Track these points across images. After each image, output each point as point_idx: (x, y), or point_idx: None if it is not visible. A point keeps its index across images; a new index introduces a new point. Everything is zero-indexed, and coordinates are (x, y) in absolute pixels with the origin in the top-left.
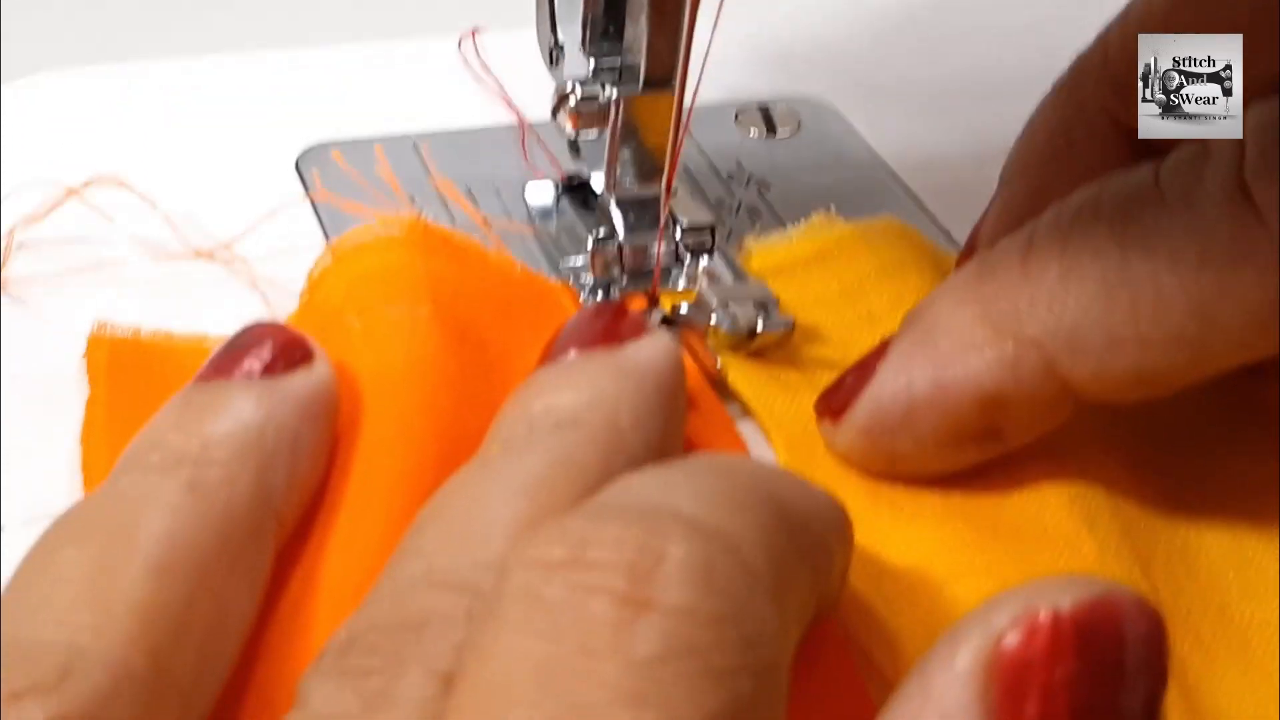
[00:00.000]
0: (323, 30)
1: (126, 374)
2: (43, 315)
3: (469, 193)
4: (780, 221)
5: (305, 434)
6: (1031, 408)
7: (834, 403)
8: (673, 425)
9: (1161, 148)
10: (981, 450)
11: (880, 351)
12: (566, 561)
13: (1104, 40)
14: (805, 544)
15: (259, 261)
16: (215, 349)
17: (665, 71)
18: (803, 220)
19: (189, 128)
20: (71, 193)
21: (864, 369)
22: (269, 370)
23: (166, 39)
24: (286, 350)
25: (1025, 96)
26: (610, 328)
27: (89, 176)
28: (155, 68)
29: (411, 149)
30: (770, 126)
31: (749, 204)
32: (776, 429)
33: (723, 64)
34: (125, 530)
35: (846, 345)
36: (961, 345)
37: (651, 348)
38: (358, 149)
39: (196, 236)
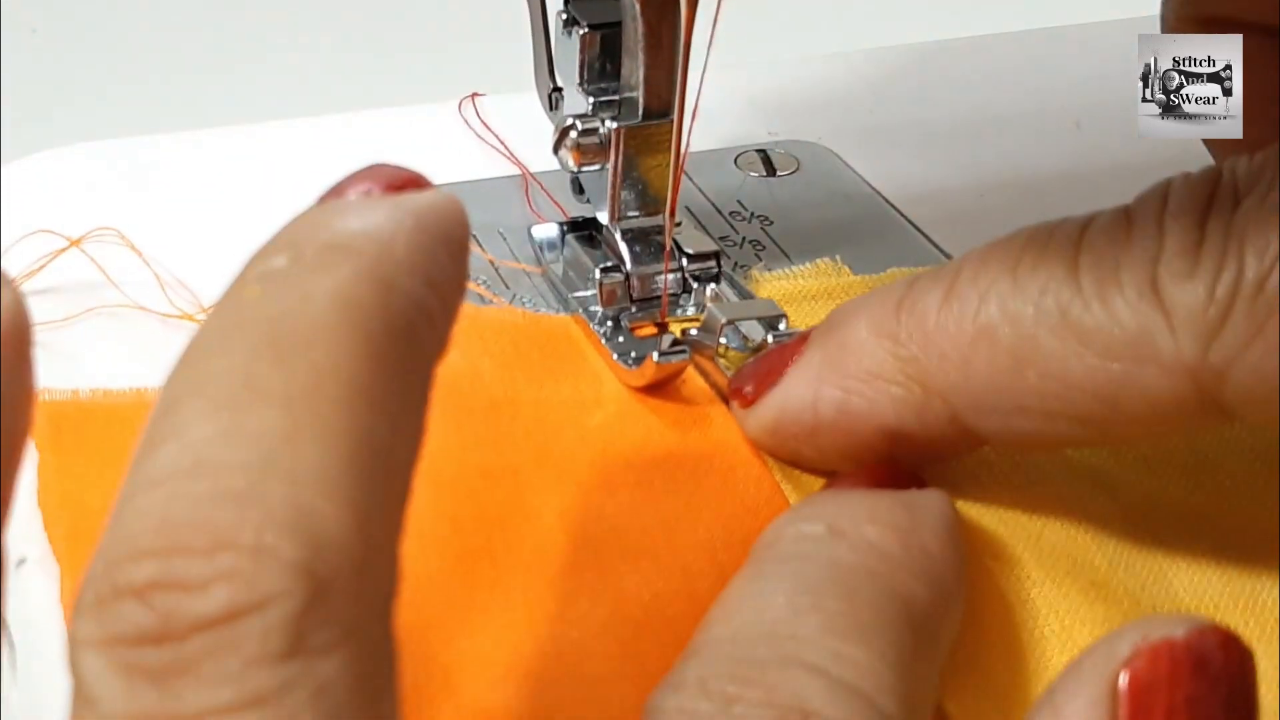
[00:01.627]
0: (315, 105)
1: (73, 435)
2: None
3: (474, 238)
4: (784, 254)
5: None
6: (934, 446)
7: (744, 389)
8: (455, 278)
9: None
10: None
11: (793, 349)
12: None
13: None
14: (931, 647)
15: None
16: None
17: (663, 103)
18: (808, 254)
19: (199, 198)
20: (74, 243)
21: (775, 366)
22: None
23: (174, 114)
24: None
25: (1019, 132)
26: (395, 181)
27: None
28: (165, 140)
29: None
30: (770, 168)
31: (752, 238)
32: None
33: (720, 113)
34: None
35: None
36: (870, 376)
37: (436, 196)
38: None
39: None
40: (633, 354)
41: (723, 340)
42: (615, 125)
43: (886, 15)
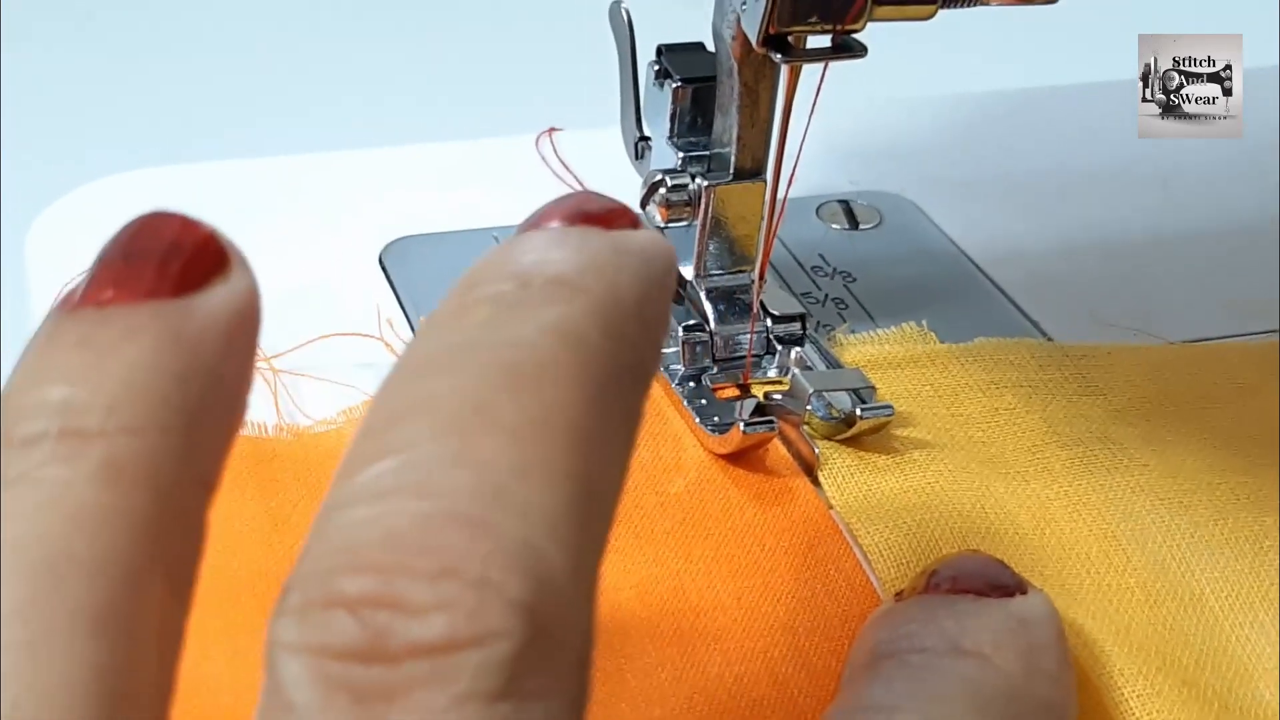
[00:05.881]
0: (390, 136)
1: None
2: None
3: None
4: (867, 313)
5: (231, 371)
6: None
7: None
8: (665, 322)
9: None
10: None
11: None
12: None
13: None
14: None
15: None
16: (101, 254)
17: (756, 163)
18: (891, 315)
19: (279, 223)
20: None
21: None
22: (180, 288)
23: (252, 141)
24: (199, 258)
25: (1104, 189)
26: (604, 213)
27: None
28: (245, 166)
29: (492, 242)
30: (852, 220)
31: (835, 295)
32: (861, 525)
33: (801, 161)
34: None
35: (939, 434)
36: None
37: (651, 237)
38: (439, 243)
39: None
40: (716, 418)
41: (809, 409)
42: (705, 184)
43: (971, 60)
